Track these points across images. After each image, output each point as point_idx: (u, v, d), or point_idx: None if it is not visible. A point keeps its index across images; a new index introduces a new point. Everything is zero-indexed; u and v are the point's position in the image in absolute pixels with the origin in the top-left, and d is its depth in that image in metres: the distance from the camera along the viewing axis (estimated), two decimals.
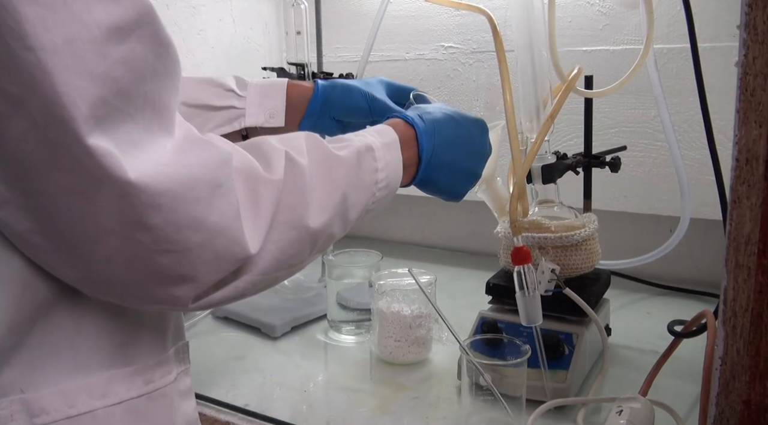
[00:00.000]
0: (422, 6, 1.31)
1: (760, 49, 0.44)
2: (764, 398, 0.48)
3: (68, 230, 0.43)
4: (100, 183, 0.41)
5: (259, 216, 0.50)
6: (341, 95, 0.84)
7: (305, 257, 0.56)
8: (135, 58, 0.42)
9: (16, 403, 0.46)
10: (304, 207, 0.54)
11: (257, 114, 0.82)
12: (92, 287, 0.47)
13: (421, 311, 0.89)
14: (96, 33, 0.40)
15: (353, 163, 0.60)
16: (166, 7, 1.19)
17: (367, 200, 0.63)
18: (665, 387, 0.79)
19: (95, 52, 0.40)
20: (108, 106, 0.40)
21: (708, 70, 0.83)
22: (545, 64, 0.82)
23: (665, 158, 1.11)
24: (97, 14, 0.40)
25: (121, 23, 0.41)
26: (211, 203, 0.45)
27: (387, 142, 0.66)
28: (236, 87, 0.82)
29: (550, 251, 0.81)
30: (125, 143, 0.41)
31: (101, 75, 0.40)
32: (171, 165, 0.43)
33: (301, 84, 0.85)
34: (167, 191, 0.42)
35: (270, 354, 0.96)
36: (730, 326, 0.48)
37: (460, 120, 0.74)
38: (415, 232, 1.49)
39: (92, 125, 0.40)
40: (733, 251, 0.47)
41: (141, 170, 0.41)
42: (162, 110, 0.45)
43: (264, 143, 0.55)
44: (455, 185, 0.74)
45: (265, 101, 0.82)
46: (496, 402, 0.69)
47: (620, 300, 1.09)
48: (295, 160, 0.54)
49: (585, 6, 1.15)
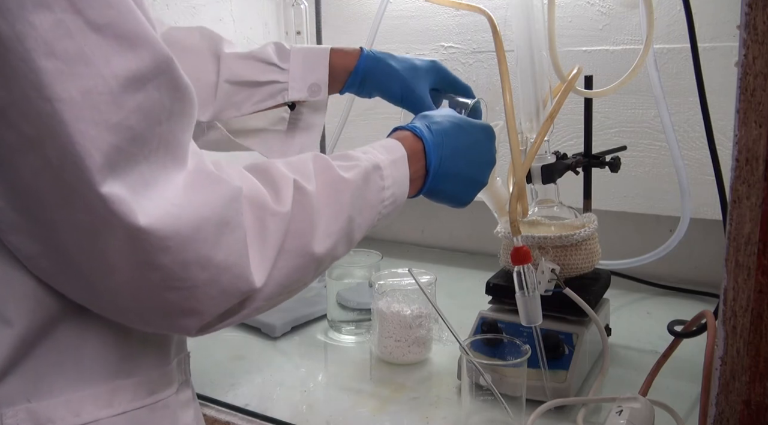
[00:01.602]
0: (422, 6, 1.31)
1: (760, 49, 0.44)
2: (764, 398, 0.48)
3: (78, 263, 0.44)
4: (111, 226, 0.41)
5: (266, 249, 0.50)
6: (380, 77, 0.84)
7: (309, 280, 0.57)
8: (151, 106, 0.42)
9: (22, 412, 0.47)
10: (311, 234, 0.54)
11: (300, 88, 0.82)
12: (99, 310, 0.48)
13: (421, 311, 0.89)
14: (113, 84, 0.40)
15: (360, 185, 0.60)
16: (167, 7, 1.19)
17: (373, 219, 0.63)
18: (665, 387, 0.79)
19: (111, 103, 0.40)
20: (122, 153, 0.41)
21: (708, 70, 0.83)
22: (545, 64, 0.82)
23: (665, 158, 1.11)
24: (115, 66, 0.40)
25: (139, 74, 0.41)
26: (219, 241, 0.46)
27: (395, 159, 0.65)
28: (278, 59, 0.81)
29: (550, 251, 0.81)
30: (138, 185, 0.42)
31: (117, 125, 0.40)
32: (181, 206, 0.44)
33: (344, 51, 0.84)
34: (176, 234, 0.43)
35: (270, 354, 0.96)
36: (730, 326, 0.48)
37: (468, 128, 0.73)
38: (415, 232, 1.49)
39: (106, 173, 0.40)
40: (733, 251, 0.47)
41: (152, 213, 0.42)
42: (176, 146, 0.45)
43: (273, 169, 0.54)
44: (461, 193, 0.74)
45: (308, 75, 0.82)
46: (496, 402, 0.69)
47: (620, 300, 1.09)
48: (303, 188, 0.54)
49: (585, 6, 1.15)
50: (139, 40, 0.41)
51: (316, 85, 0.82)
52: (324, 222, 0.55)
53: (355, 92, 0.86)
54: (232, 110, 0.81)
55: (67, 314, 0.48)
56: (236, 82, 0.80)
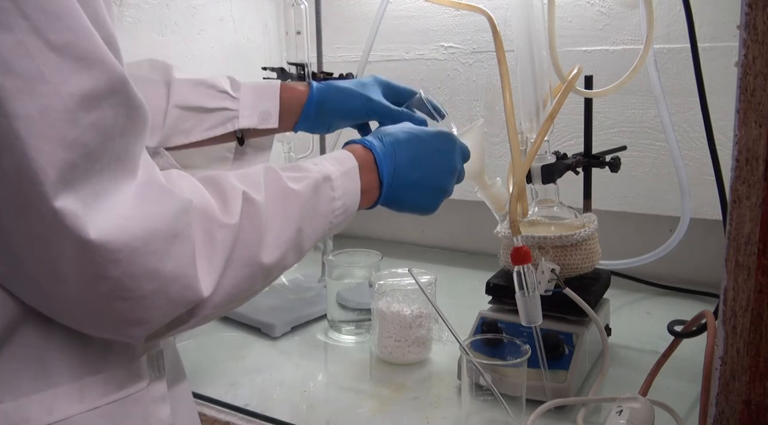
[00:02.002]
0: (422, 6, 1.31)
1: (760, 49, 0.44)
2: (764, 398, 0.48)
3: (31, 270, 0.45)
4: (63, 239, 0.42)
5: (214, 260, 0.51)
6: (336, 99, 0.84)
7: (258, 289, 0.58)
8: (105, 123, 0.44)
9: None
10: (259, 244, 0.55)
11: (250, 115, 0.82)
12: (53, 315, 0.49)
13: (421, 311, 0.89)
14: (69, 102, 0.41)
15: (310, 196, 0.61)
16: (167, 6, 1.19)
17: (324, 229, 0.64)
18: (665, 387, 0.79)
19: (67, 121, 0.41)
20: (76, 168, 0.42)
21: (708, 70, 0.83)
22: (545, 64, 0.82)
23: (665, 158, 1.11)
24: (71, 85, 0.42)
25: (94, 92, 0.43)
26: (168, 253, 0.47)
27: (346, 170, 0.66)
28: (230, 88, 0.82)
29: (550, 251, 0.81)
30: (89, 198, 0.43)
31: (72, 141, 0.42)
32: (131, 218, 0.45)
33: (295, 87, 0.84)
34: (126, 247, 0.44)
35: (270, 354, 0.96)
36: (730, 326, 0.48)
37: (425, 137, 0.74)
38: (415, 232, 1.49)
39: (59, 188, 0.41)
40: (733, 251, 0.47)
41: (102, 227, 0.43)
42: (128, 160, 0.47)
43: (224, 180, 0.55)
44: (424, 202, 0.74)
45: (259, 103, 0.82)
46: (496, 402, 0.69)
47: (620, 300, 1.09)
48: (252, 199, 0.55)
49: (585, 6, 1.15)
50: (96, 60, 0.43)
51: (266, 113, 0.82)
52: (273, 233, 0.56)
53: (309, 126, 0.85)
54: (181, 136, 0.80)
55: (31, 315, 0.48)
56: (186, 108, 0.80)
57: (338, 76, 1.09)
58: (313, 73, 1.11)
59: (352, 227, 0.77)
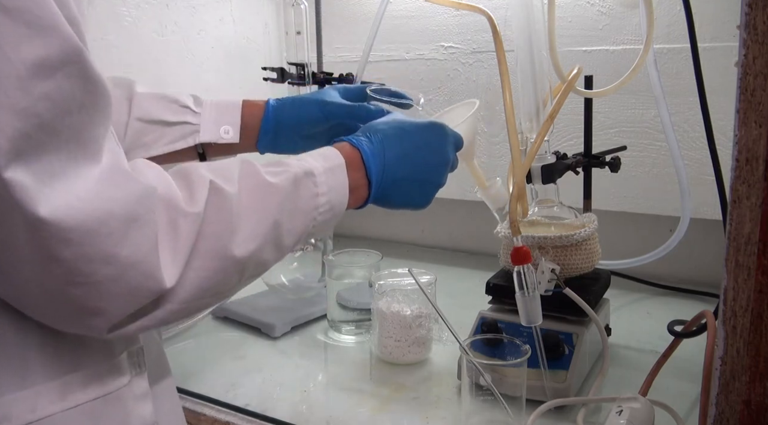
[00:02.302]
0: (422, 6, 1.31)
1: (760, 49, 0.44)
2: (764, 398, 0.48)
3: None
4: (13, 214, 0.41)
5: (178, 248, 0.50)
6: (292, 110, 0.84)
7: (233, 285, 0.56)
8: (60, 94, 0.43)
9: None
10: (230, 236, 0.53)
11: (212, 130, 0.82)
12: (18, 306, 0.48)
13: (421, 311, 0.89)
14: (21, 69, 0.40)
15: (289, 190, 0.59)
16: (167, 6, 1.19)
17: (307, 225, 0.62)
18: (665, 387, 0.79)
19: (18, 88, 0.40)
20: (30, 139, 0.41)
21: (708, 70, 0.83)
22: (545, 64, 0.82)
23: (665, 158, 1.11)
24: (23, 51, 0.40)
25: (47, 61, 0.42)
26: (125, 237, 0.45)
27: (331, 166, 0.64)
28: (192, 104, 0.82)
29: (550, 251, 0.81)
30: (45, 174, 0.42)
31: (24, 110, 0.41)
32: (86, 200, 0.44)
33: (255, 103, 0.85)
34: (78, 227, 0.43)
35: (270, 353, 0.96)
36: (730, 326, 0.48)
37: (414, 130, 0.72)
38: (415, 232, 1.49)
39: (11, 158, 0.40)
40: (733, 251, 0.47)
41: (54, 204, 0.42)
42: (88, 140, 0.45)
43: (192, 171, 0.54)
44: (416, 197, 0.73)
45: (220, 118, 0.82)
46: (496, 402, 0.69)
47: (620, 300, 1.09)
48: (221, 189, 0.53)
49: (585, 6, 1.15)
50: (49, 28, 0.41)
51: (227, 128, 0.82)
52: (246, 226, 0.55)
53: (273, 143, 0.85)
54: (142, 150, 0.80)
55: (7, 312, 0.48)
56: (147, 121, 0.80)
57: (338, 76, 1.09)
58: (313, 73, 1.11)
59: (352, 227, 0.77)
